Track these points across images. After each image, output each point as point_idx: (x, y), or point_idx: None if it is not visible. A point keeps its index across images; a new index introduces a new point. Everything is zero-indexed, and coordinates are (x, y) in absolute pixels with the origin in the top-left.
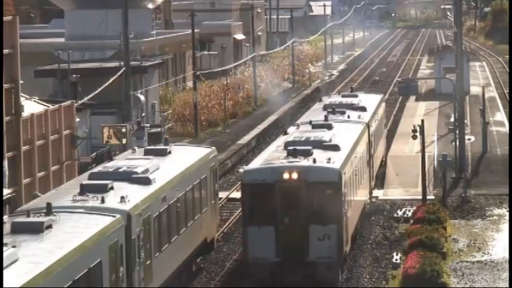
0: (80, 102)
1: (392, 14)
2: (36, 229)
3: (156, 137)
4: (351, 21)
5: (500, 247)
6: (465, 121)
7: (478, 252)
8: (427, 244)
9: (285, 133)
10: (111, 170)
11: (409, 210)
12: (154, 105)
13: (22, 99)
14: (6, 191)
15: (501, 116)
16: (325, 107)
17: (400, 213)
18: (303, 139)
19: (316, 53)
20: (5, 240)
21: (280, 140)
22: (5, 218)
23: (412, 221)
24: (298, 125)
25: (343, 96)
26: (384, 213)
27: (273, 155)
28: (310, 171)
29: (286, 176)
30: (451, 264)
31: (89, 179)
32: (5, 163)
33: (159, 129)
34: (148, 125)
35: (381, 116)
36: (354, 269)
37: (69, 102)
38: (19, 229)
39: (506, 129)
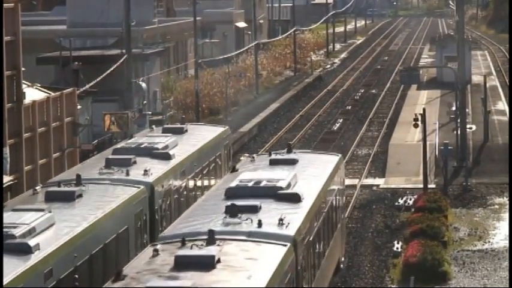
0: (81, 89)
1: (394, 3)
2: (68, 197)
3: (157, 125)
4: (353, 9)
5: (501, 236)
6: (467, 110)
7: (479, 241)
8: (428, 233)
9: (117, 276)
10: (133, 146)
11: (410, 199)
12: (156, 93)
13: (24, 86)
14: (8, 178)
15: (503, 105)
16: (228, 195)
17: (401, 201)
18: None
19: (318, 41)
20: (41, 207)
21: None
22: (38, 187)
23: (413, 210)
24: (156, 250)
25: (271, 162)
26: (385, 202)
27: None
28: None
29: None
30: (452, 253)
31: (113, 154)
32: (7, 150)
33: (160, 117)
34: (149, 112)
35: (334, 200)
36: (355, 257)
37: (70, 89)
38: (52, 197)
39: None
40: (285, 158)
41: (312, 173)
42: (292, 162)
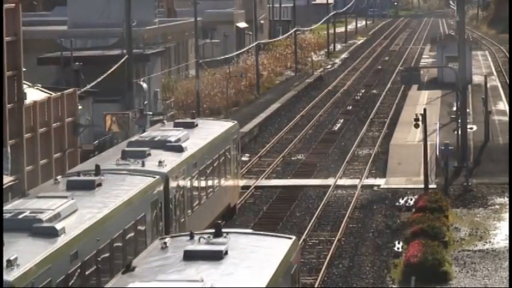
0: (82, 89)
1: (395, 3)
2: (89, 186)
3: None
4: (354, 9)
5: (502, 236)
6: (467, 110)
7: (480, 241)
8: (428, 233)
9: None
10: (147, 139)
11: (411, 199)
12: (157, 93)
13: (25, 86)
14: (8, 179)
15: (503, 105)
16: None
17: (402, 202)
18: None
19: (318, 41)
20: (63, 194)
21: None
22: (59, 177)
23: (414, 210)
24: None
25: (185, 256)
26: (385, 202)
27: None
28: None
29: None
30: (452, 253)
31: (128, 146)
32: (8, 150)
33: (161, 117)
34: (150, 113)
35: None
36: (356, 257)
37: (71, 90)
38: (74, 186)
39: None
40: (205, 250)
41: (243, 276)
42: (218, 256)
